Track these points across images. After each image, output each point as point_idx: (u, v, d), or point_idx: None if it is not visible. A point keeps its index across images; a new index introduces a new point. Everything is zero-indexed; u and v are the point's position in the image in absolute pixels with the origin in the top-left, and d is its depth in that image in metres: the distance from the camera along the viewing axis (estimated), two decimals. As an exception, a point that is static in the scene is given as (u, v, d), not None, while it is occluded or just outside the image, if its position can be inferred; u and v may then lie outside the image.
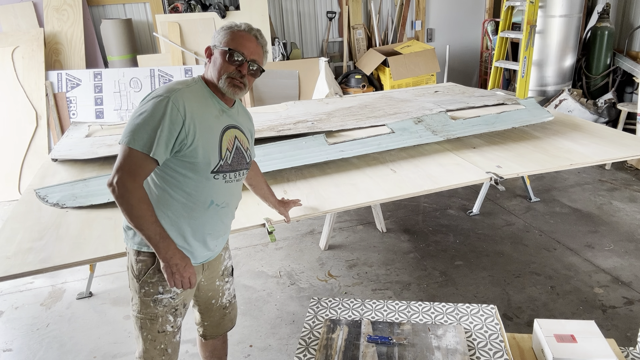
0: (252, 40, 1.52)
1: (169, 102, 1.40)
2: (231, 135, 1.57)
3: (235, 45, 1.50)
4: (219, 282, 1.80)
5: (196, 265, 1.63)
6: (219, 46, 1.51)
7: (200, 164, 1.48)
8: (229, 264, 1.84)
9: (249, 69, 1.52)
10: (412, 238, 3.58)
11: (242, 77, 1.51)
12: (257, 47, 1.53)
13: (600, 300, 2.78)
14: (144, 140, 1.38)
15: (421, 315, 1.78)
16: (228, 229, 1.72)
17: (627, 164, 4.64)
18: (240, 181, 1.65)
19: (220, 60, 1.51)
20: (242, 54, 1.50)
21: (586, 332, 1.62)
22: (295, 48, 5.81)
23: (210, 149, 1.50)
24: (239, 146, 1.60)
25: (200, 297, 1.80)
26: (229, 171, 1.56)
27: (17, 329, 2.80)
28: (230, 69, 1.50)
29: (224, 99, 1.57)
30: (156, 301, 1.58)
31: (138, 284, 1.57)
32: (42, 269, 1.76)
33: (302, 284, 3.10)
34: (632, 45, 5.62)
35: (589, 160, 2.41)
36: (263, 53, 1.57)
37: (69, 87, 4.93)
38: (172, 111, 1.40)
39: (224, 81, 1.50)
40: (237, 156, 1.59)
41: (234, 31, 1.52)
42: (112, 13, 5.41)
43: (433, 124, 2.76)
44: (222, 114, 1.55)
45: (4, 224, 2.14)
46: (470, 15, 6.71)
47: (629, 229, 3.54)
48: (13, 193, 4.62)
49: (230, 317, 1.92)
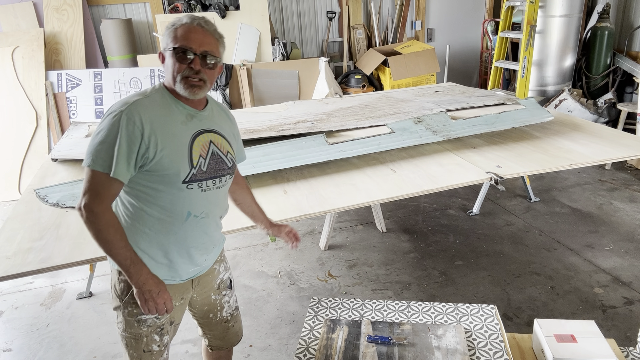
0: (197, 31, 1.39)
1: (122, 116, 1.32)
2: (205, 140, 1.46)
3: (181, 42, 1.37)
4: (215, 296, 1.71)
5: (184, 282, 1.55)
6: (166, 48, 1.40)
7: (169, 176, 1.39)
8: (226, 276, 1.74)
9: (203, 63, 1.39)
10: (412, 238, 3.58)
11: (197, 73, 1.39)
12: (205, 36, 1.40)
13: (600, 300, 2.78)
14: (104, 160, 1.31)
15: (421, 315, 1.78)
16: (217, 240, 1.62)
17: (627, 164, 4.64)
18: (221, 188, 1.54)
19: (171, 62, 1.39)
20: (190, 48, 1.37)
21: (586, 332, 1.62)
22: (295, 48, 5.81)
23: (178, 158, 1.39)
24: (216, 151, 1.49)
25: (197, 312, 1.74)
26: (204, 179, 1.46)
27: (17, 329, 2.80)
28: (183, 69, 1.38)
29: (192, 102, 1.46)
30: (140, 321, 1.51)
31: (121, 304, 1.51)
32: (42, 269, 1.76)
33: (302, 284, 3.10)
34: (632, 45, 5.62)
35: (589, 160, 2.41)
36: (215, 41, 1.43)
37: (69, 87, 4.93)
38: (127, 125, 1.31)
39: (179, 83, 1.39)
40: (213, 162, 1.48)
41: (177, 27, 1.39)
42: (112, 13, 5.41)
43: (433, 124, 2.76)
44: (190, 120, 1.45)
45: (4, 224, 2.14)
46: (470, 15, 6.71)
47: (629, 229, 3.54)
48: (13, 193, 4.62)
49: (234, 330, 1.83)
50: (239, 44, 5.36)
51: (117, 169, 1.32)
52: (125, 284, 1.48)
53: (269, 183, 2.32)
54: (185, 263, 1.52)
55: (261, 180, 2.34)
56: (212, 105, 1.55)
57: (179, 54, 1.38)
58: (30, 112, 4.77)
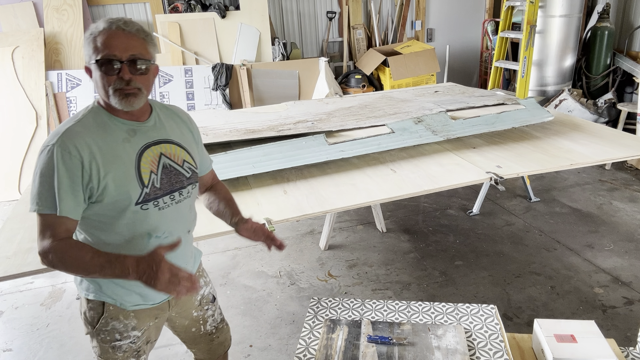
0: (118, 35, 1.24)
1: (55, 149, 1.21)
2: (154, 154, 1.34)
3: (103, 51, 1.22)
4: (197, 312, 1.65)
5: (159, 304, 1.48)
6: (89, 61, 1.26)
7: (120, 200, 1.28)
8: (207, 291, 1.67)
9: (133, 70, 1.25)
10: (412, 238, 3.58)
11: (129, 82, 1.25)
12: (129, 39, 1.25)
13: (600, 300, 2.78)
14: (47, 200, 1.21)
15: (421, 315, 1.78)
16: (188, 257, 1.53)
17: (627, 164, 4.64)
18: (182, 202, 1.42)
19: (98, 76, 1.25)
20: (114, 56, 1.23)
21: (586, 332, 1.62)
22: (295, 48, 5.81)
23: (126, 180, 1.28)
24: (169, 163, 1.37)
25: (178, 329, 1.67)
26: (160, 196, 1.34)
27: (17, 329, 2.80)
28: (112, 80, 1.24)
29: (132, 115, 1.33)
30: (115, 347, 1.44)
31: (93, 331, 1.44)
32: (42, 269, 1.75)
33: (302, 284, 3.10)
34: (632, 45, 5.62)
35: (589, 160, 2.41)
36: (142, 41, 1.28)
37: (69, 87, 4.93)
38: (63, 158, 1.21)
39: (113, 97, 1.26)
40: (167, 176, 1.36)
41: (95, 36, 1.24)
42: (112, 13, 5.41)
43: (433, 124, 2.76)
44: (133, 135, 1.32)
45: (4, 224, 2.14)
46: (470, 15, 6.71)
47: (629, 229, 3.54)
48: (13, 193, 4.62)
49: (220, 341, 1.77)
50: (239, 44, 5.36)
51: (63, 207, 1.22)
52: (94, 312, 1.42)
53: (269, 183, 2.32)
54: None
55: (261, 180, 2.34)
56: (158, 111, 1.42)
57: (104, 66, 1.23)
58: (30, 112, 4.77)
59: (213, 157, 2.35)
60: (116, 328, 1.44)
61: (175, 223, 1.42)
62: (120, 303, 1.42)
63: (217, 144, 2.64)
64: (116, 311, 1.43)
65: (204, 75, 5.19)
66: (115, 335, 1.44)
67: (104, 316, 1.42)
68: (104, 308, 1.41)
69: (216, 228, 1.88)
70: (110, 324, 1.43)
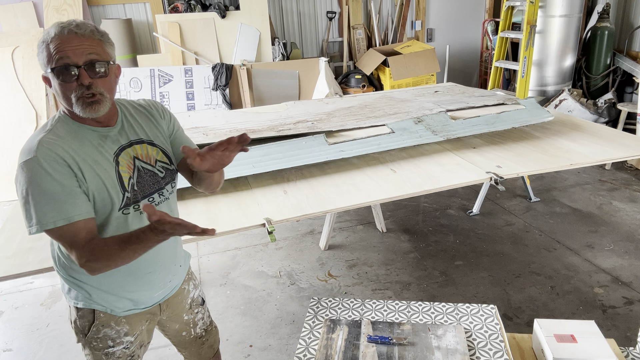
0: (71, 39, 1.17)
1: (39, 160, 1.15)
2: (128, 157, 1.30)
3: (57, 59, 1.16)
4: (187, 316, 1.64)
5: (151, 308, 1.47)
6: (46, 71, 1.20)
7: (103, 207, 1.25)
8: (196, 294, 1.66)
9: (92, 74, 1.19)
10: (412, 238, 3.58)
11: (89, 88, 1.19)
12: (83, 42, 1.18)
13: (600, 300, 2.78)
14: (52, 214, 1.16)
15: (421, 315, 1.78)
16: (178, 258, 1.52)
17: (627, 164, 4.64)
18: (163, 203, 1.38)
19: (57, 85, 1.19)
20: (69, 63, 1.16)
21: (586, 332, 1.62)
22: (295, 48, 5.81)
23: (108, 186, 1.25)
24: (142, 165, 1.33)
25: (168, 332, 1.66)
26: (139, 199, 1.32)
27: (17, 329, 2.80)
28: (73, 88, 1.18)
29: (99, 121, 1.28)
30: (108, 354, 1.42)
31: (85, 340, 1.42)
32: (42, 269, 1.76)
33: (302, 284, 3.10)
34: (632, 45, 5.62)
35: (589, 160, 2.41)
36: (98, 42, 1.22)
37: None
38: (51, 165, 1.16)
39: (76, 105, 1.20)
40: (142, 179, 1.32)
41: (48, 43, 1.18)
42: (112, 13, 5.41)
43: (433, 124, 2.76)
44: (105, 140, 1.28)
45: (4, 224, 2.14)
46: (470, 15, 6.71)
47: (629, 229, 3.54)
48: (13, 193, 4.62)
49: (210, 343, 1.77)
50: (239, 44, 5.36)
51: (72, 212, 1.17)
52: (85, 320, 1.40)
53: (269, 183, 2.32)
54: (147, 290, 1.43)
55: (261, 180, 2.34)
56: (124, 112, 1.36)
57: (62, 73, 1.17)
58: (30, 112, 4.77)
59: (213, 157, 2.36)
60: (108, 335, 1.42)
61: None
62: (110, 310, 1.40)
63: (217, 144, 2.64)
64: (107, 318, 1.41)
65: (204, 75, 5.19)
66: (107, 342, 1.42)
67: (95, 324, 1.40)
68: (94, 316, 1.40)
69: (216, 228, 1.87)
70: (102, 331, 1.41)
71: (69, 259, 1.34)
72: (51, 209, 1.16)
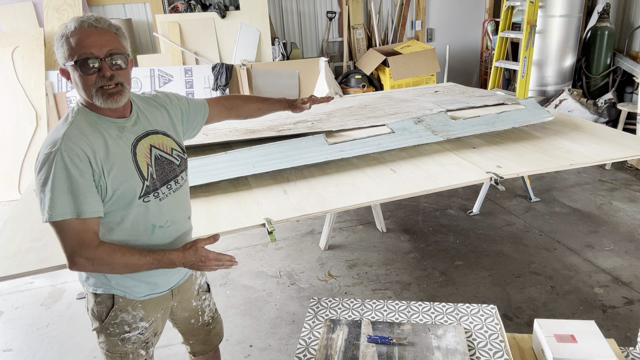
0: (91, 33, 1.23)
1: (61, 154, 1.20)
2: (145, 147, 1.36)
3: (79, 52, 1.22)
4: (195, 302, 1.69)
5: (165, 294, 1.52)
6: (66, 63, 1.25)
7: (125, 196, 1.31)
8: (203, 281, 1.72)
9: (112, 65, 1.26)
10: (412, 238, 3.58)
11: (111, 79, 1.25)
12: (101, 36, 1.24)
13: (600, 300, 2.78)
14: (66, 206, 1.21)
15: (421, 315, 1.78)
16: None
17: (627, 164, 4.64)
18: (179, 190, 1.45)
19: (77, 77, 1.25)
20: (92, 54, 1.23)
21: (586, 332, 1.62)
22: (295, 48, 5.81)
23: (129, 175, 1.30)
24: (160, 154, 1.39)
25: (178, 320, 1.69)
26: (158, 187, 1.38)
27: (17, 329, 2.80)
28: (93, 80, 1.24)
29: (117, 113, 1.33)
30: (124, 340, 1.46)
31: (101, 325, 1.45)
32: (42, 269, 1.75)
33: (302, 284, 3.10)
34: (632, 45, 5.62)
35: (589, 160, 2.41)
36: (115, 36, 1.28)
37: (68, 87, 4.93)
38: (72, 161, 1.21)
39: (97, 97, 1.26)
40: (160, 167, 1.38)
41: (68, 36, 1.23)
42: (112, 13, 5.41)
43: (433, 124, 2.76)
44: (123, 132, 1.33)
45: (4, 224, 2.14)
46: (470, 15, 6.71)
47: (629, 229, 3.54)
48: (13, 193, 4.62)
49: (216, 331, 1.81)
50: (239, 44, 5.36)
51: (86, 208, 1.23)
52: (103, 306, 1.44)
53: (269, 183, 2.32)
54: (163, 274, 1.48)
55: (261, 180, 2.34)
56: (137, 104, 1.42)
57: (83, 66, 1.23)
58: (30, 112, 4.77)
59: (213, 157, 2.36)
60: (125, 320, 1.45)
61: (175, 211, 1.45)
62: (129, 294, 1.44)
63: (217, 144, 2.64)
64: (125, 303, 1.45)
65: (204, 75, 5.19)
66: (124, 327, 1.45)
67: (114, 309, 1.43)
68: (113, 301, 1.43)
69: (216, 228, 1.88)
70: (120, 316, 1.44)
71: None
72: (63, 202, 1.21)
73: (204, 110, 1.66)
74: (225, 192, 2.23)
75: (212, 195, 2.20)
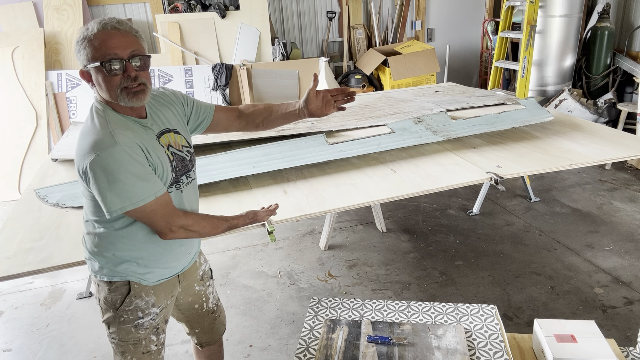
0: (115, 35, 1.27)
1: (122, 147, 1.26)
2: (164, 144, 1.43)
3: (104, 54, 1.26)
4: (198, 287, 1.73)
5: (172, 278, 1.57)
6: (89, 65, 1.29)
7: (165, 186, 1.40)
8: (207, 267, 1.78)
9: (135, 67, 1.30)
10: (412, 238, 3.58)
11: (135, 79, 1.30)
12: (124, 38, 1.29)
13: (600, 300, 2.78)
14: (141, 191, 1.28)
15: (421, 315, 1.78)
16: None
17: (627, 164, 4.64)
18: (192, 182, 1.55)
19: (102, 79, 1.29)
20: (116, 56, 1.27)
21: (586, 332, 1.62)
22: (295, 48, 5.81)
23: (166, 167, 1.39)
24: (174, 151, 1.46)
25: (182, 306, 1.73)
26: (179, 179, 1.47)
27: (17, 329, 2.80)
28: (118, 80, 1.28)
29: (134, 112, 1.37)
30: (137, 326, 1.51)
31: (114, 314, 1.49)
32: (42, 269, 1.76)
33: (302, 284, 3.10)
34: (632, 45, 5.62)
35: (589, 160, 2.41)
36: (135, 38, 1.32)
37: (69, 87, 4.93)
38: (134, 152, 1.28)
39: (121, 97, 1.30)
40: (177, 161, 1.46)
41: (90, 39, 1.27)
42: (112, 13, 5.41)
43: (433, 124, 2.76)
44: (146, 130, 1.38)
45: (4, 224, 2.14)
46: (470, 15, 6.71)
47: (629, 229, 3.54)
48: (13, 193, 4.62)
49: (221, 319, 1.86)
50: (239, 44, 5.36)
51: (158, 186, 1.32)
52: (117, 293, 1.47)
53: (269, 183, 2.32)
54: (177, 260, 1.56)
55: (261, 180, 2.34)
56: (150, 103, 1.46)
57: (108, 67, 1.27)
58: (30, 112, 4.77)
59: (213, 157, 2.36)
60: (139, 306, 1.49)
61: (191, 202, 1.54)
62: (143, 280, 1.49)
63: (217, 144, 2.64)
64: (140, 288, 1.49)
65: (204, 75, 5.19)
66: (138, 313, 1.49)
67: (130, 295, 1.47)
68: (129, 287, 1.47)
69: (216, 228, 1.88)
70: (134, 303, 1.48)
71: (106, 235, 1.42)
72: (139, 188, 1.28)
73: (209, 114, 1.65)
74: (225, 192, 2.23)
75: (212, 195, 2.20)
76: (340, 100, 1.66)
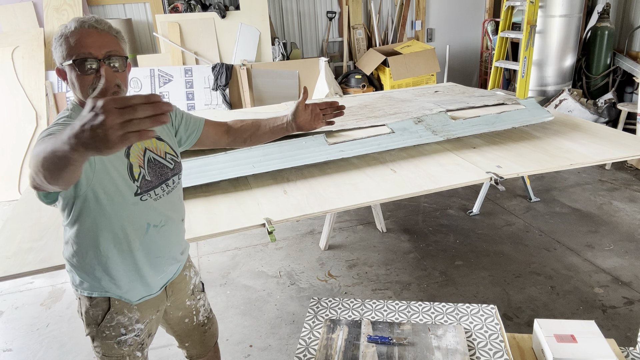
0: (92, 33, 1.23)
1: (71, 119, 1.23)
2: (139, 149, 1.35)
3: (79, 51, 1.21)
4: (189, 301, 1.68)
5: (159, 294, 1.51)
6: (65, 63, 1.24)
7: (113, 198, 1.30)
8: (197, 280, 1.71)
9: (110, 68, 1.24)
10: (412, 238, 3.58)
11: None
12: (101, 37, 1.24)
13: (600, 300, 2.78)
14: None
15: (421, 315, 1.78)
16: (179, 245, 1.56)
17: (627, 164, 4.64)
18: (172, 192, 1.45)
19: (75, 77, 1.23)
20: (90, 55, 1.22)
21: (586, 332, 1.62)
22: (295, 48, 5.81)
23: (121, 174, 1.30)
24: (153, 157, 1.38)
25: (172, 321, 1.67)
26: (152, 188, 1.37)
27: (17, 329, 2.80)
28: (91, 80, 1.23)
29: None
30: (120, 342, 1.45)
31: (97, 329, 1.43)
32: (42, 269, 1.76)
33: (302, 284, 3.10)
34: (632, 45, 5.62)
35: (589, 160, 2.41)
36: (114, 39, 1.27)
37: (68, 88, 4.92)
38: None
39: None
40: (153, 170, 1.38)
41: (67, 36, 1.22)
42: (112, 13, 5.41)
43: (433, 124, 2.76)
44: None
45: (4, 224, 2.14)
46: (470, 15, 6.71)
47: (629, 229, 3.54)
48: (13, 193, 4.62)
49: (212, 332, 1.80)
50: (239, 44, 5.36)
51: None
52: (98, 309, 1.42)
53: (269, 183, 2.32)
54: (155, 274, 1.47)
55: (261, 180, 2.34)
56: None
57: (82, 65, 1.22)
58: (30, 112, 4.77)
59: (213, 157, 2.36)
60: (121, 322, 1.44)
61: (170, 212, 1.45)
62: (125, 298, 1.44)
63: (217, 144, 2.64)
64: (121, 305, 1.44)
65: (204, 75, 5.19)
66: (120, 329, 1.45)
67: (110, 311, 1.42)
68: (109, 303, 1.42)
69: (216, 228, 1.88)
70: (116, 319, 1.44)
71: (84, 251, 1.36)
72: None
73: (198, 128, 1.59)
74: (225, 192, 2.23)
75: (212, 195, 2.20)
76: (329, 114, 1.62)
